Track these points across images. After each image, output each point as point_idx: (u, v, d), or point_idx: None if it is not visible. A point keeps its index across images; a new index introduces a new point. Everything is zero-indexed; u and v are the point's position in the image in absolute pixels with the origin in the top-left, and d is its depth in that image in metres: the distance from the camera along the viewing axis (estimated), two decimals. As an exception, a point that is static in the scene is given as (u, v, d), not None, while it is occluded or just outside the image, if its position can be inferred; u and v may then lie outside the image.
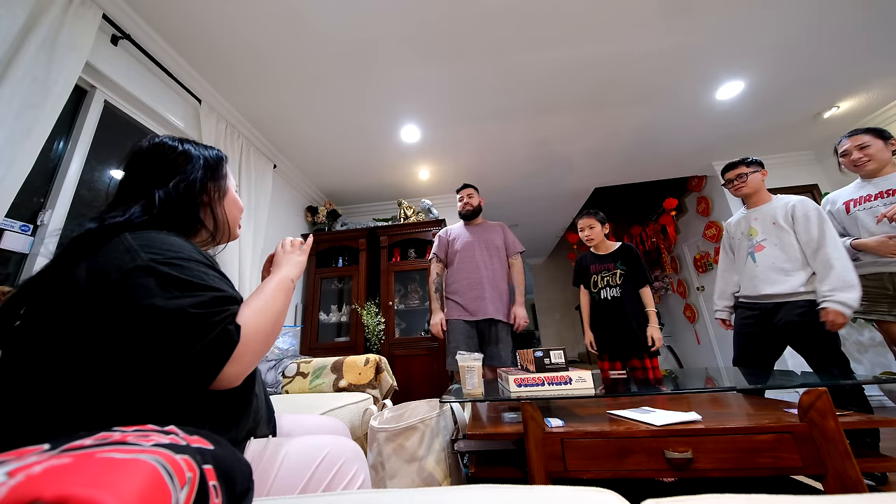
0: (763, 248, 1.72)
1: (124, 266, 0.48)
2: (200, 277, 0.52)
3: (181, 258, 0.53)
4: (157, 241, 0.53)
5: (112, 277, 0.47)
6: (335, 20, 1.81)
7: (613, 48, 2.09)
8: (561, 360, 1.22)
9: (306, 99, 2.35)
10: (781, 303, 1.62)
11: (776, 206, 1.72)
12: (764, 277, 1.68)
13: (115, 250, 0.50)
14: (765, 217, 1.74)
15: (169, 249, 0.53)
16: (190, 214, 0.65)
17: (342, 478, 0.60)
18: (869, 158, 1.63)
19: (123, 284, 0.47)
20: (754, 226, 1.77)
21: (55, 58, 1.35)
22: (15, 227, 1.33)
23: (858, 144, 1.65)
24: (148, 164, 0.65)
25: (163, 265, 0.50)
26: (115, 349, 0.46)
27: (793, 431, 0.93)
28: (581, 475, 0.96)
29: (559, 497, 0.39)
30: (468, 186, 2.39)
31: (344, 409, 1.46)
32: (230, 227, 0.75)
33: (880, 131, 1.65)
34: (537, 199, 4.16)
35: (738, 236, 1.85)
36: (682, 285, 4.38)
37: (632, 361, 1.99)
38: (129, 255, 0.49)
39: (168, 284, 0.49)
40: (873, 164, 1.63)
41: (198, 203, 0.67)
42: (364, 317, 2.96)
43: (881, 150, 1.62)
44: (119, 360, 0.47)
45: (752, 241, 1.76)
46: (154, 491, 0.27)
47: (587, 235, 2.13)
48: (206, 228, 0.69)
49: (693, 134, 3.02)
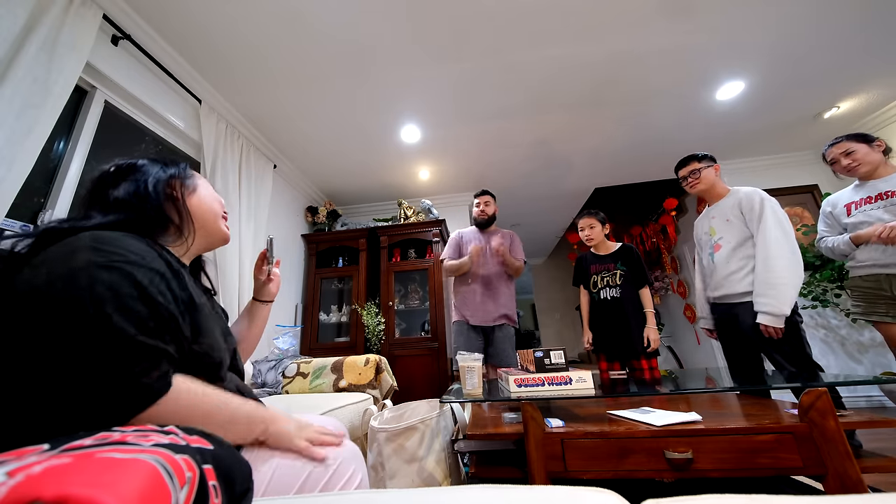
0: (720, 247, 1.70)
1: (73, 265, 0.45)
2: (160, 297, 0.49)
3: (145, 265, 0.49)
4: (113, 241, 0.50)
5: (58, 272, 0.44)
6: (334, 20, 1.81)
7: (614, 48, 2.09)
8: (561, 361, 1.22)
9: (306, 99, 2.35)
10: (740, 302, 1.61)
11: (729, 202, 1.70)
12: (721, 277, 1.68)
13: (66, 249, 0.47)
14: (721, 214, 1.72)
15: (127, 250, 0.49)
16: (148, 208, 0.61)
17: (339, 478, 0.60)
18: (858, 163, 1.64)
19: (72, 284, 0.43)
20: (713, 225, 1.75)
21: (55, 58, 1.35)
22: (15, 228, 1.33)
23: (843, 151, 1.67)
24: (107, 180, 0.63)
25: (124, 265, 0.47)
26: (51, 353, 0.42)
27: (793, 432, 0.93)
28: (581, 475, 0.96)
29: (559, 497, 0.39)
30: (487, 194, 2.37)
31: (344, 410, 1.46)
32: (208, 222, 0.70)
33: (862, 136, 1.66)
34: (537, 198, 4.15)
35: (703, 237, 1.83)
36: (682, 285, 4.37)
37: (631, 362, 1.99)
38: (78, 253, 0.46)
39: (126, 298, 0.45)
40: (865, 168, 1.63)
41: (158, 195, 0.63)
42: (364, 317, 2.96)
43: (868, 154, 1.63)
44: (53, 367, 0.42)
45: (712, 240, 1.75)
46: (154, 491, 0.27)
47: (587, 235, 2.13)
48: (172, 222, 0.65)
49: (693, 134, 3.02)
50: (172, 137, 2.10)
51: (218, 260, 2.07)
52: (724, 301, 1.69)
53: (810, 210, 3.28)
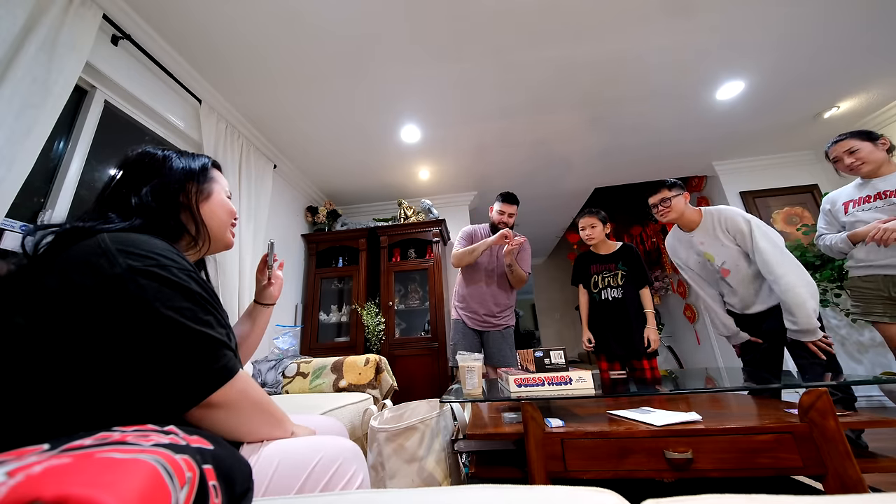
0: (728, 271, 1.69)
1: (109, 270, 0.46)
2: (203, 291, 0.54)
3: (179, 268, 0.52)
4: (138, 243, 0.51)
5: (104, 274, 0.46)
6: (334, 19, 1.81)
7: (613, 47, 2.09)
8: (561, 361, 1.22)
9: (306, 98, 2.35)
10: (766, 309, 1.63)
11: (709, 225, 1.68)
12: (749, 296, 1.67)
13: (91, 252, 0.48)
14: (708, 238, 1.70)
15: (159, 254, 0.51)
16: (167, 216, 0.63)
17: (340, 478, 0.60)
18: (862, 161, 1.61)
19: (122, 287, 0.46)
20: (706, 251, 1.73)
21: (55, 58, 1.35)
22: (15, 228, 1.33)
23: (847, 149, 1.64)
24: (130, 172, 0.64)
25: (158, 269, 0.49)
26: (101, 351, 0.45)
27: (793, 431, 0.93)
28: (581, 475, 0.96)
29: (559, 497, 0.39)
30: (514, 203, 2.21)
31: (344, 410, 1.46)
32: (216, 232, 0.71)
33: (867, 133, 1.63)
34: (537, 198, 4.15)
35: (693, 266, 1.83)
36: (682, 285, 4.37)
37: (631, 362, 1.99)
38: (107, 258, 0.47)
39: (184, 298, 0.50)
40: (868, 167, 1.61)
41: (176, 204, 0.66)
42: (364, 317, 2.96)
43: (872, 152, 1.60)
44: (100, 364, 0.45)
45: (715, 265, 1.73)
46: (154, 491, 0.27)
47: (588, 234, 2.12)
48: (188, 232, 0.66)
49: (693, 134, 3.02)
50: (172, 137, 2.10)
51: (218, 260, 2.07)
52: (758, 312, 1.68)
53: (810, 210, 3.27)
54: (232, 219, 0.76)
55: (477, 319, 2.19)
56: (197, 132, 2.14)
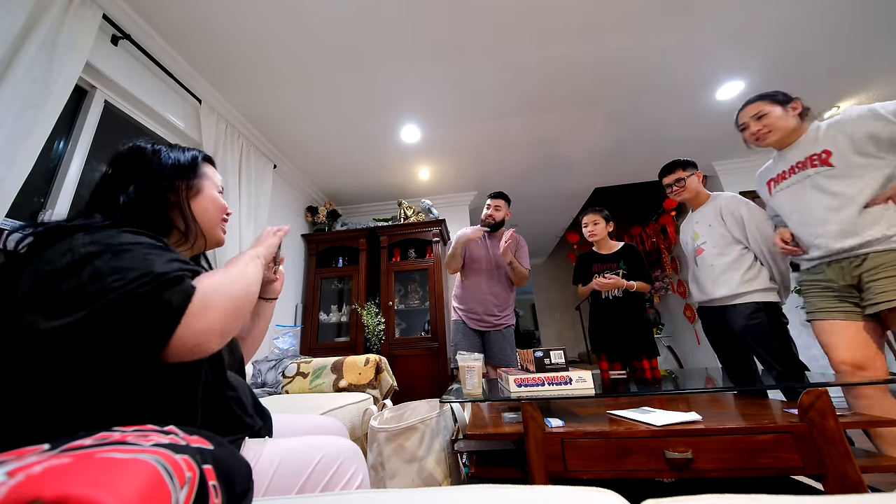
0: (703, 250, 1.70)
1: (58, 264, 0.45)
2: (136, 258, 0.48)
3: (122, 245, 0.49)
4: (107, 237, 0.50)
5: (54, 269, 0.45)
6: (334, 19, 1.81)
7: (613, 47, 2.09)
8: (561, 360, 1.22)
9: (306, 98, 2.35)
10: (728, 305, 1.60)
11: (711, 208, 1.70)
12: (706, 280, 1.67)
13: (60, 253, 0.47)
14: (704, 219, 1.72)
15: (113, 241, 0.49)
16: (155, 213, 0.62)
17: (340, 477, 0.60)
18: (769, 129, 1.37)
19: (69, 278, 0.45)
20: (696, 229, 1.74)
21: (55, 58, 1.35)
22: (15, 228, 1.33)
23: (754, 114, 1.41)
24: (120, 168, 0.64)
25: (98, 255, 0.47)
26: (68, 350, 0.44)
27: (793, 431, 0.93)
28: (581, 475, 0.96)
29: (559, 497, 0.39)
30: (500, 197, 2.24)
31: (344, 409, 1.46)
32: (206, 228, 0.70)
33: (780, 95, 1.39)
34: (537, 198, 4.15)
35: (688, 241, 1.83)
36: (682, 285, 4.37)
37: (631, 362, 1.98)
38: (69, 253, 0.46)
39: (95, 273, 0.45)
40: (775, 135, 1.37)
41: (165, 201, 0.65)
42: (364, 317, 2.96)
43: (781, 118, 1.36)
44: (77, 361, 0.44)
45: (695, 244, 1.75)
46: (154, 491, 0.27)
47: (591, 231, 2.11)
48: (177, 228, 0.66)
49: (693, 134, 3.02)
50: (172, 137, 2.09)
51: (219, 260, 2.07)
52: (711, 305, 1.69)
53: (810, 210, 3.27)
54: (223, 214, 0.75)
55: (476, 319, 2.19)
56: (197, 132, 2.14)
